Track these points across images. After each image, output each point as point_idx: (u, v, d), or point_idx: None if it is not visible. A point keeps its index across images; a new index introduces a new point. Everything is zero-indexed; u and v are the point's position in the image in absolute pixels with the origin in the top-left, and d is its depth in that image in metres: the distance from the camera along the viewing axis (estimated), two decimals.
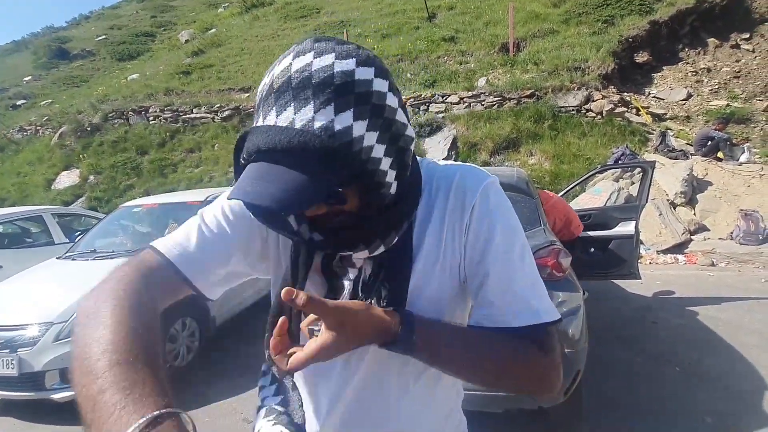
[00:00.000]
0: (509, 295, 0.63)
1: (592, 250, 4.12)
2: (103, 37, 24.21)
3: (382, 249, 0.61)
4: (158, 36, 22.18)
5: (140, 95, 12.66)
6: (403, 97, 9.37)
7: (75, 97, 15.62)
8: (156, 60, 17.86)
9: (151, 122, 11.64)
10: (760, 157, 7.45)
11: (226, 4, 22.22)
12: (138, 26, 24.49)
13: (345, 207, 0.56)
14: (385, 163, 0.55)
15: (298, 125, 0.50)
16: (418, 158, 0.68)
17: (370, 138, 0.52)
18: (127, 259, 0.64)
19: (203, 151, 10.67)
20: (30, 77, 21.16)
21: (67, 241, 4.87)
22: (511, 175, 2.66)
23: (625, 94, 9.23)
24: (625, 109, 8.59)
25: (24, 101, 17.65)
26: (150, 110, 11.72)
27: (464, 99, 9.14)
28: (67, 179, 11.12)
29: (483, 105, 9.00)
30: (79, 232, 5.16)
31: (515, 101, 8.83)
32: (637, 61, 10.28)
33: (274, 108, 0.53)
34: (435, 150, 8.57)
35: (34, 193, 11.01)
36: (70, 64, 21.59)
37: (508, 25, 10.29)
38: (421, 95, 9.40)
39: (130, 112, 11.88)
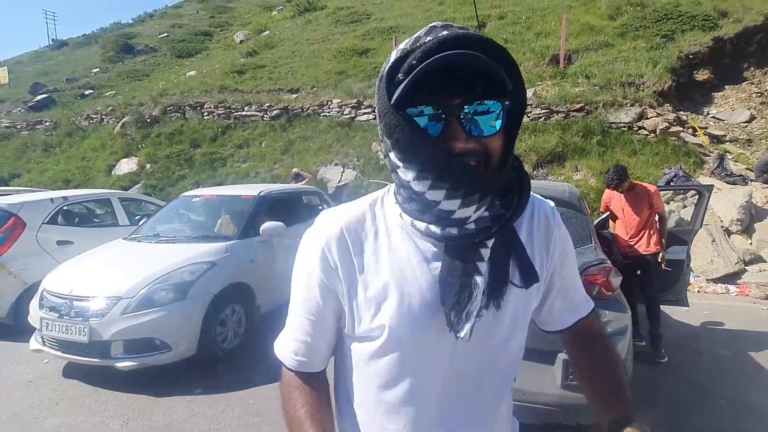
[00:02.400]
0: (580, 293, 0.87)
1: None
2: (165, 34, 25.69)
3: (486, 212, 0.64)
4: (215, 35, 23.27)
5: (196, 91, 13.36)
6: None
7: (137, 90, 16.68)
8: (212, 58, 18.77)
9: (205, 117, 12.27)
10: None
11: (281, 8, 23.03)
12: (197, 25, 25.81)
13: (490, 143, 0.62)
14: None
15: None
16: None
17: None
18: (283, 382, 0.79)
19: (251, 148, 11.13)
20: (98, 69, 22.75)
21: (129, 223, 5.26)
22: (563, 191, 2.67)
23: (682, 112, 8.85)
24: (681, 129, 8.25)
25: (91, 91, 18.99)
26: (205, 106, 12.35)
27: None
28: (126, 166, 11.91)
29: (529, 116, 8.89)
30: (138, 216, 5.56)
31: (563, 114, 8.67)
32: (697, 78, 9.82)
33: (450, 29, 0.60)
34: None
35: (96, 177, 11.85)
36: (134, 59, 23.04)
37: (560, 37, 10.13)
38: None
39: (187, 107, 12.56)
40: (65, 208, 4.90)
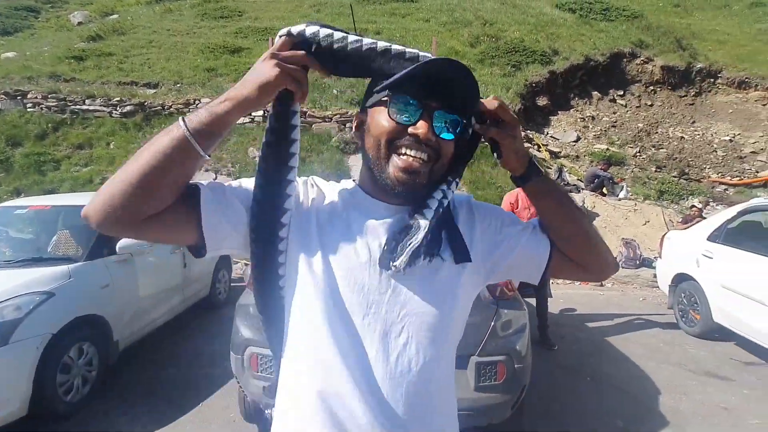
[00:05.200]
0: (537, 241, 0.89)
1: None
2: None
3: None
4: (44, 13, 19.31)
5: (17, 77, 10.77)
6: (329, 113, 9.34)
7: None
8: (40, 39, 15.46)
9: (29, 109, 9.93)
10: (633, 196, 8.84)
11: None
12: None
13: (444, 145, 0.77)
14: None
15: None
16: None
17: None
18: None
19: (95, 149, 9.38)
20: None
21: None
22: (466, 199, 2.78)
23: (529, 132, 10.35)
24: (529, 145, 9.62)
25: None
26: (29, 95, 10.01)
27: None
28: None
29: None
30: None
31: None
32: (538, 104, 11.63)
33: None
34: (357, 167, 8.63)
35: None
36: None
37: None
38: (347, 112, 9.45)
39: (2, 96, 10.02)
40: None
